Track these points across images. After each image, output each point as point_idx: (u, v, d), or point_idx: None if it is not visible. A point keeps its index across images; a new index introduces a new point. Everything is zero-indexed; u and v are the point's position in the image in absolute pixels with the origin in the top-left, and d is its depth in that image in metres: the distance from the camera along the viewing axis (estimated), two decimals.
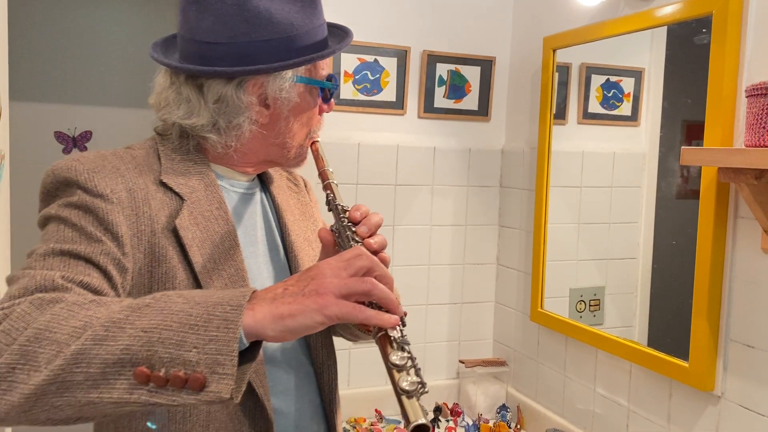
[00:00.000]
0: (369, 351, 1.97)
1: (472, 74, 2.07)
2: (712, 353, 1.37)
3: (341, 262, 0.79)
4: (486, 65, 2.07)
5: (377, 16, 1.95)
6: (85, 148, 2.66)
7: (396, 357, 0.76)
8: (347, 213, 0.97)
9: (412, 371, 0.76)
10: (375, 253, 0.90)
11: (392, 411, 2.00)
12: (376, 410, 1.96)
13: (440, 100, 2.04)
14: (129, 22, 2.68)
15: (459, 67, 2.05)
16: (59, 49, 2.60)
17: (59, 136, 2.64)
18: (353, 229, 0.94)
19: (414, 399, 0.73)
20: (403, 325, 0.82)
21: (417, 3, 1.99)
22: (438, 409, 1.97)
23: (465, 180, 2.10)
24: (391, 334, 0.79)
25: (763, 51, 1.28)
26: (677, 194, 1.57)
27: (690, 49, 1.46)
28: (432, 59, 2.01)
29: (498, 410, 1.99)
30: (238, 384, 0.71)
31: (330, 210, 1.01)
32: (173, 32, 1.08)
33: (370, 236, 0.93)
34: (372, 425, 1.87)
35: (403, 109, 2.00)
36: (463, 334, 2.13)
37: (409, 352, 0.77)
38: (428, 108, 2.03)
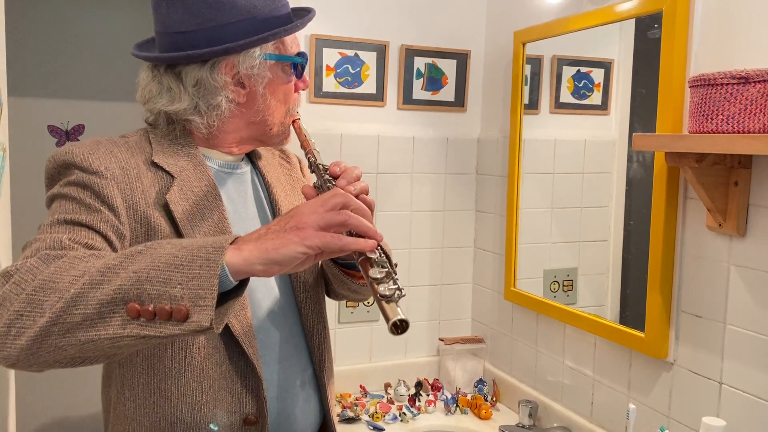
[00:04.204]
0: (353, 330, 2.08)
1: (448, 67, 2.15)
2: (665, 324, 1.48)
3: (318, 201, 0.87)
4: (461, 58, 2.17)
5: (357, 12, 2.02)
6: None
7: (375, 272, 0.84)
8: (328, 171, 1.04)
9: (390, 282, 0.84)
10: (355, 197, 0.96)
11: (376, 387, 2.11)
12: (360, 386, 2.06)
13: (418, 92, 2.13)
14: (120, 18, 2.75)
15: (436, 60, 2.14)
16: (52, 45, 2.67)
17: (52, 130, 2.71)
18: (334, 183, 1.01)
19: (393, 303, 0.82)
20: (384, 252, 0.91)
21: None
22: (419, 384, 2.08)
23: (443, 168, 2.19)
24: (371, 256, 0.87)
25: (708, 45, 1.39)
26: (645, 179, 1.64)
27: (652, 42, 1.52)
28: (410, 53, 2.10)
29: (475, 384, 2.09)
30: (220, 317, 0.79)
31: (312, 171, 1.08)
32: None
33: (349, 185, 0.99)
34: (357, 400, 1.97)
35: (383, 101, 2.09)
36: (442, 314, 2.23)
37: (387, 268, 0.85)
38: (407, 100, 2.11)
